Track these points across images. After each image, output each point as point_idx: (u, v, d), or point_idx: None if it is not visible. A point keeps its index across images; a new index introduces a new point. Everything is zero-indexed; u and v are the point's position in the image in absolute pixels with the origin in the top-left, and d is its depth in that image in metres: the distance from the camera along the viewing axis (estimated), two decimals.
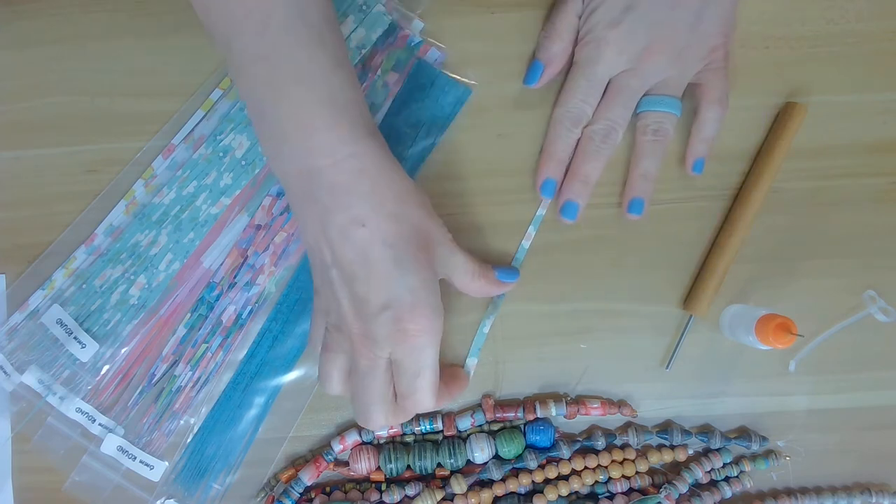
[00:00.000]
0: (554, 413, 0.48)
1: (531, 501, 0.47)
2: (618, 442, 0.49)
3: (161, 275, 0.48)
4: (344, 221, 0.38)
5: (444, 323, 0.40)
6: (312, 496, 0.48)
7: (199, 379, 0.48)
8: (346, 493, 0.48)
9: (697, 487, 0.48)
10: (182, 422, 0.48)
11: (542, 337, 0.49)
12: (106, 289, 0.48)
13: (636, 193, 0.47)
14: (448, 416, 0.49)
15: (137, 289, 0.48)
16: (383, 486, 0.48)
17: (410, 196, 0.39)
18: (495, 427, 0.49)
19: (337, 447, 0.48)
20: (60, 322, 0.48)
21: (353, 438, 0.48)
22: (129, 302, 0.48)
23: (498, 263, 0.47)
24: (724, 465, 0.48)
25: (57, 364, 0.48)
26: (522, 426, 0.49)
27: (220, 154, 0.49)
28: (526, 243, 0.49)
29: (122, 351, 0.48)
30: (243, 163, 0.49)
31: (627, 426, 0.49)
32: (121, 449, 0.48)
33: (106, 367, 0.48)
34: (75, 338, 0.48)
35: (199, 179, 0.49)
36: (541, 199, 0.49)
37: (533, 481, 0.47)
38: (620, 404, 0.49)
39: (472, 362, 0.49)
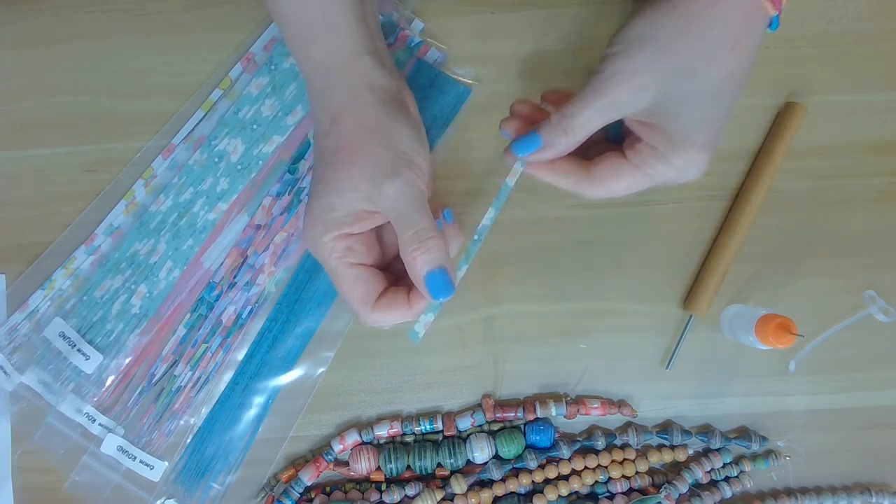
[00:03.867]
0: (554, 413, 0.48)
1: (531, 501, 0.47)
2: (618, 442, 0.48)
3: (162, 283, 0.48)
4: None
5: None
6: (312, 496, 0.48)
7: (199, 379, 0.48)
8: (346, 493, 0.48)
9: (697, 487, 0.48)
10: (182, 422, 0.48)
11: (542, 337, 0.49)
12: (107, 299, 0.48)
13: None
14: (448, 416, 0.49)
15: (138, 298, 0.48)
16: (383, 486, 0.48)
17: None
18: (495, 427, 0.49)
19: (337, 447, 0.48)
20: (63, 335, 0.48)
21: (353, 438, 0.48)
22: (130, 311, 0.48)
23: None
24: (724, 465, 0.48)
25: (62, 377, 0.48)
26: (522, 426, 0.48)
27: (216, 159, 0.48)
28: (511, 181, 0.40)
29: (126, 361, 0.48)
30: (239, 167, 0.49)
31: (627, 426, 0.49)
32: (121, 449, 0.48)
33: (111, 378, 0.48)
34: (79, 350, 0.47)
35: (195, 185, 0.48)
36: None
37: (533, 481, 0.47)
38: (620, 404, 0.49)
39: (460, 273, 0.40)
